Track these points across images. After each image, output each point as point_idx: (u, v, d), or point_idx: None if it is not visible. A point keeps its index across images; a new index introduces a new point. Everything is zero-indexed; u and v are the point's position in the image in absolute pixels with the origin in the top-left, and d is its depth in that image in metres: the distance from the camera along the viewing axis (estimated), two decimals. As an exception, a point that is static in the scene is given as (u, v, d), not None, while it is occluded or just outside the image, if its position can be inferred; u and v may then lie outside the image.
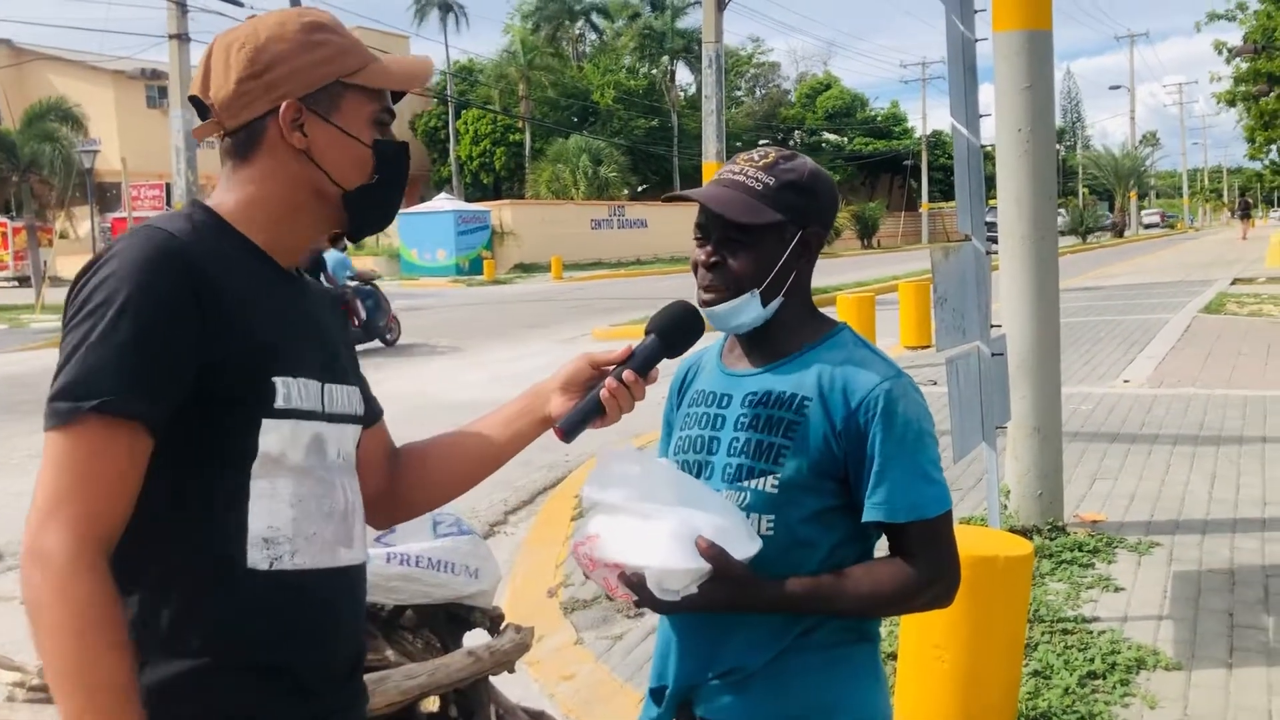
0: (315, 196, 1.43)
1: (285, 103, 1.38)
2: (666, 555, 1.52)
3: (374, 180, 1.46)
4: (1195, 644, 3.93)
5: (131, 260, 1.29)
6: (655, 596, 1.54)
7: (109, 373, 1.25)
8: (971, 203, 4.57)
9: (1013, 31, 5.14)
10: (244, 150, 1.41)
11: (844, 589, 1.60)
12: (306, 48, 1.40)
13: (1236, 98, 31.50)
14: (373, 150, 1.45)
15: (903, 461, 1.59)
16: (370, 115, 1.45)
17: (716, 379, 1.77)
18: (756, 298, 1.66)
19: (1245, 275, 22.32)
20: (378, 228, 1.53)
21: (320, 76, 1.40)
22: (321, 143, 1.41)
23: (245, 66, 1.38)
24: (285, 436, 1.37)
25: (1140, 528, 5.29)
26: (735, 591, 1.56)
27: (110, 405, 1.24)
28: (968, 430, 4.34)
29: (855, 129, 61.95)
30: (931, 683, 3.11)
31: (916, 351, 12.24)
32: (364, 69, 1.44)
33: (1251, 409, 8.04)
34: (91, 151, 27.46)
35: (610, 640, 4.34)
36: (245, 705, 1.35)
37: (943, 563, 1.64)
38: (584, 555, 1.57)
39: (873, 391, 1.60)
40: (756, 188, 1.65)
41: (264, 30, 1.41)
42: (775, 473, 1.63)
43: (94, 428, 1.24)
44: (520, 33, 50.82)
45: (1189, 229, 75.51)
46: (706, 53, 17.20)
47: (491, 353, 14.49)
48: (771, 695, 1.64)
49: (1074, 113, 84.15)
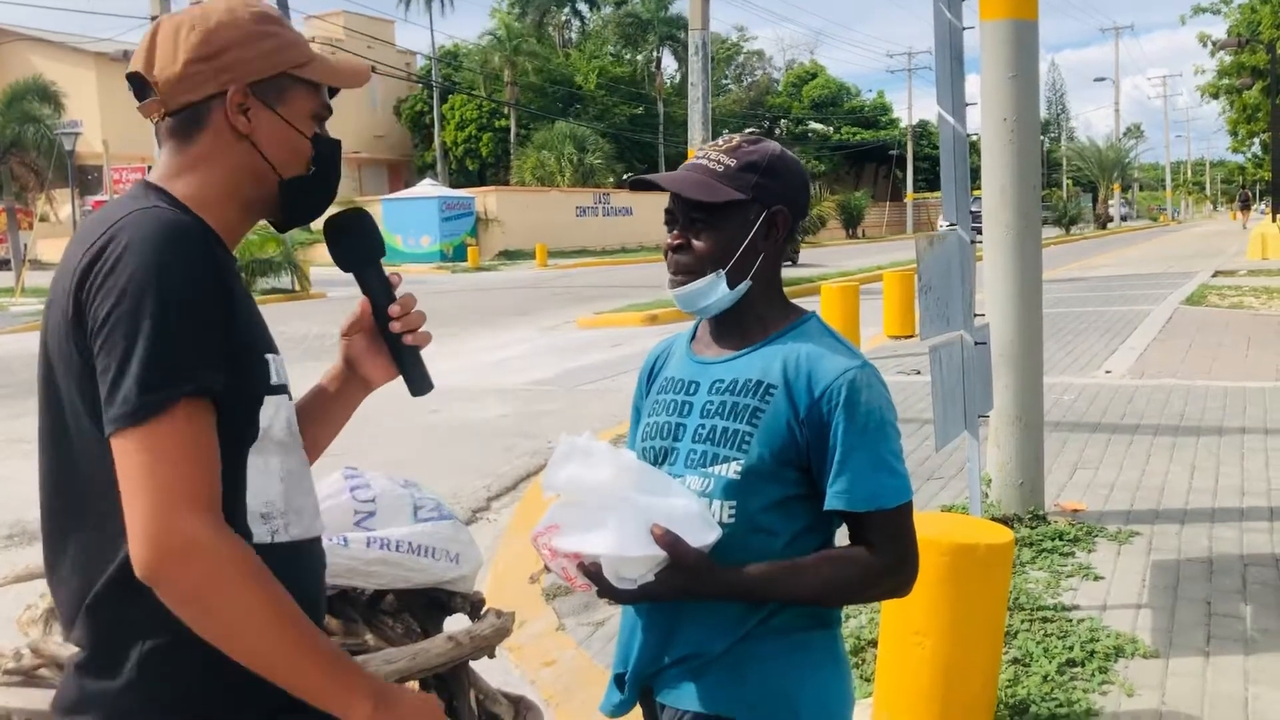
0: (254, 182, 1.45)
1: (233, 87, 1.40)
2: (621, 543, 1.52)
3: (310, 173, 1.49)
4: (1173, 632, 3.95)
5: (157, 246, 1.28)
6: (612, 585, 1.55)
7: (186, 355, 1.26)
8: (957, 191, 4.58)
9: (999, 20, 5.14)
10: (186, 131, 1.42)
11: (802, 576, 1.61)
12: (257, 37, 1.43)
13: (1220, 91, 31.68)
14: (312, 143, 1.48)
15: (864, 451, 1.59)
16: (311, 109, 1.48)
17: (685, 366, 1.78)
18: (722, 278, 1.67)
19: (1226, 268, 22.46)
20: (306, 220, 1.55)
21: (269, 66, 1.43)
22: (265, 130, 1.43)
23: (195, 48, 1.40)
24: (271, 412, 1.39)
25: (1120, 517, 5.32)
26: (692, 579, 1.56)
27: (199, 388, 1.26)
28: (950, 419, 4.35)
29: (841, 118, 62.00)
30: (911, 670, 3.12)
31: (900, 341, 12.28)
32: (309, 64, 1.47)
33: (1231, 400, 8.09)
34: (73, 134, 27.23)
35: (592, 626, 4.34)
36: (250, 681, 1.34)
37: (901, 553, 1.64)
38: (543, 545, 1.57)
39: (836, 380, 1.61)
40: (718, 169, 1.68)
41: (214, 15, 1.42)
42: (739, 459, 1.63)
43: (184, 411, 1.25)
44: (505, 18, 50.61)
45: (1172, 221, 75.92)
46: (693, 39, 17.15)
47: (475, 340, 14.46)
48: (730, 681, 1.64)
49: (1059, 105, 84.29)
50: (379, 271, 1.57)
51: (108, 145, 29.74)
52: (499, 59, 48.37)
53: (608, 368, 11.53)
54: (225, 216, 1.44)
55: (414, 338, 1.59)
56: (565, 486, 1.58)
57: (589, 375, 11.23)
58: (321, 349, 13.17)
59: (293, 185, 1.47)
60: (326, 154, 1.50)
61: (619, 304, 17.92)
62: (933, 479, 6.13)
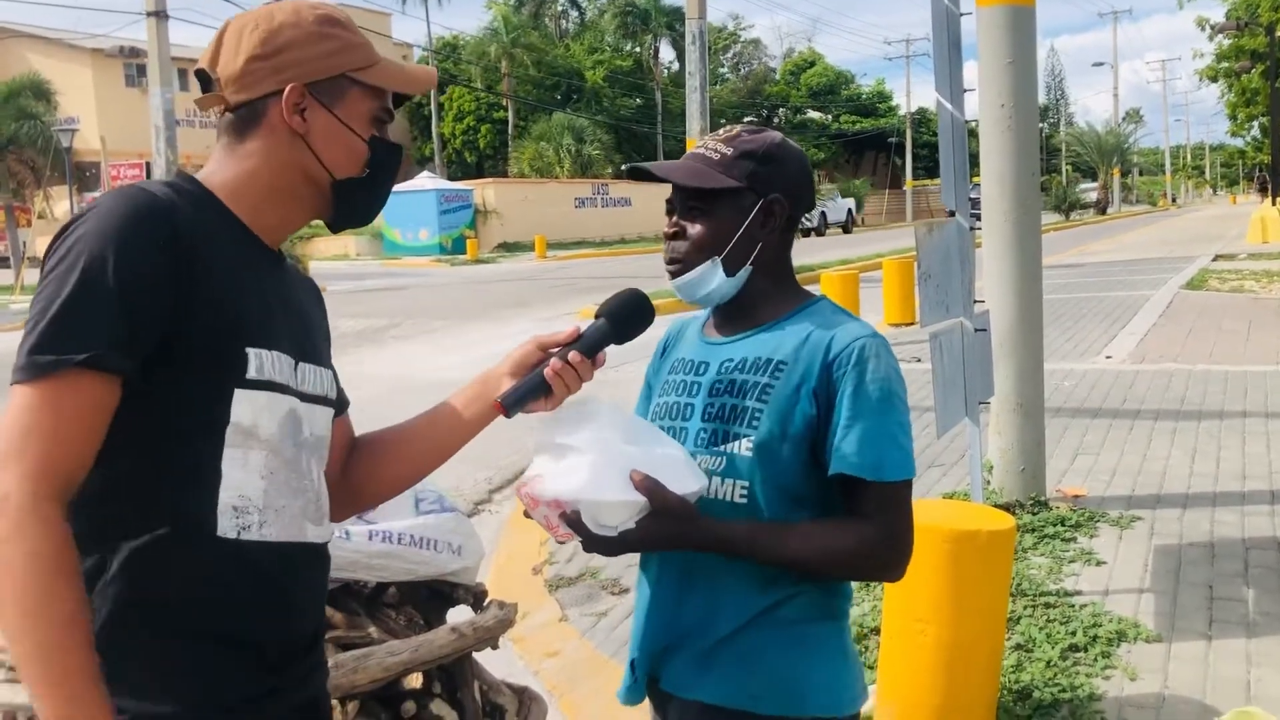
0: (305, 181, 1.46)
1: (290, 86, 1.41)
2: (599, 488, 1.51)
3: (364, 175, 1.49)
4: (1175, 616, 3.96)
5: (112, 216, 1.30)
6: (592, 533, 1.53)
7: (92, 326, 1.26)
8: (956, 178, 4.57)
9: (996, 6, 5.12)
10: (243, 127, 1.44)
11: (792, 538, 1.59)
12: (318, 38, 1.44)
13: (1219, 74, 31.60)
14: (368, 145, 1.48)
15: (871, 419, 1.58)
16: (370, 112, 1.48)
17: (695, 348, 1.78)
18: (718, 266, 1.67)
19: (1227, 251, 22.43)
20: (359, 222, 1.55)
21: (328, 67, 1.44)
22: (320, 130, 1.44)
23: (256, 47, 1.42)
24: (259, 408, 1.38)
25: (1122, 502, 5.33)
26: (674, 527, 1.55)
27: (97, 359, 1.25)
28: (951, 406, 4.35)
29: (840, 106, 61.88)
30: (914, 656, 3.12)
31: (900, 328, 12.27)
32: (371, 67, 1.48)
33: (1232, 384, 8.08)
34: (70, 130, 27.18)
35: (595, 617, 4.35)
36: (202, 673, 1.36)
37: (896, 528, 1.61)
38: (526, 495, 1.56)
39: (848, 347, 1.61)
40: (714, 157, 1.69)
41: (279, 15, 1.45)
42: (749, 436, 1.62)
43: (72, 380, 1.25)
44: (503, 10, 50.48)
45: (1172, 205, 75.80)
46: (690, 28, 17.11)
47: (474, 333, 14.46)
48: (737, 672, 1.63)
49: (1057, 90, 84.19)
50: (608, 338, 1.64)
51: (105, 141, 29.68)
52: (496, 50, 48.26)
53: (609, 358, 11.51)
54: (262, 211, 1.45)
55: (554, 378, 1.58)
56: (551, 439, 1.57)
57: (590, 366, 11.21)
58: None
59: (345, 186, 1.48)
60: (383, 157, 1.50)
61: (619, 295, 17.88)
62: (934, 466, 6.14)
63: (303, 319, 1.52)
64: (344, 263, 32.17)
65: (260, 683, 1.41)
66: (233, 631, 1.38)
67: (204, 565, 1.35)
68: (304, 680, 1.51)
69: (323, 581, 1.56)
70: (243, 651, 1.39)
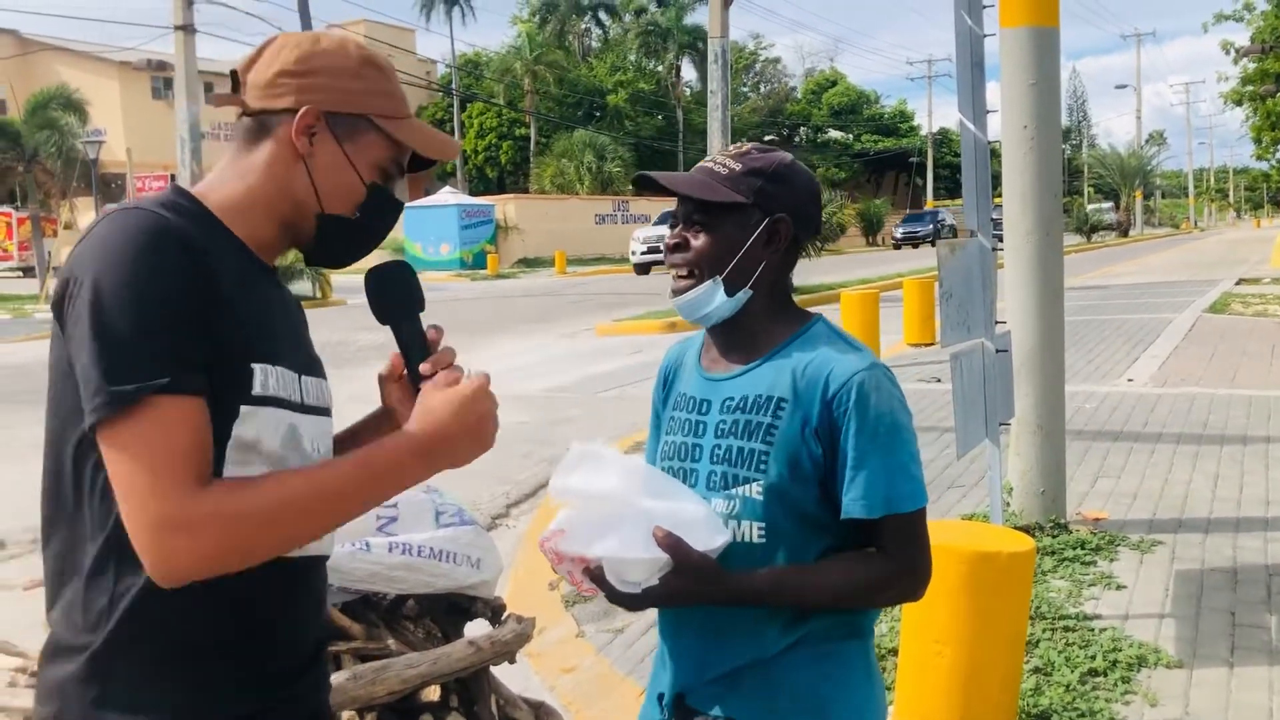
0: (295, 207, 1.44)
1: (306, 107, 1.41)
2: (623, 545, 1.52)
3: (354, 217, 1.47)
4: (1197, 642, 3.92)
5: (132, 243, 1.28)
6: (616, 589, 1.54)
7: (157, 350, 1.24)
8: (978, 199, 4.57)
9: (1020, 28, 5.12)
10: (253, 137, 1.44)
11: (812, 581, 1.59)
12: (353, 74, 1.44)
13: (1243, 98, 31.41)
14: (367, 189, 1.46)
15: (877, 457, 1.57)
16: (380, 161, 1.47)
17: (696, 383, 1.75)
18: (720, 285, 1.66)
19: (1250, 275, 22.28)
20: (335, 263, 1.53)
21: (352, 103, 1.44)
22: (323, 159, 1.43)
23: (291, 63, 1.42)
24: (263, 423, 1.36)
25: (1143, 526, 5.28)
26: (697, 584, 1.54)
27: (173, 383, 1.24)
28: (971, 426, 4.34)
29: (861, 126, 61.90)
30: (932, 679, 3.10)
31: (920, 348, 12.24)
32: (395, 119, 1.47)
33: (1256, 409, 8.02)
34: (96, 142, 27.47)
35: (611, 633, 4.34)
36: (206, 688, 1.36)
37: (914, 558, 1.61)
38: (550, 550, 1.56)
39: (845, 385, 1.58)
40: (722, 172, 1.67)
41: (324, 42, 1.46)
42: (758, 480, 1.61)
43: (164, 402, 1.24)
44: (527, 27, 50.80)
45: (1194, 229, 75.35)
46: (712, 48, 17.17)
47: (494, 347, 14.49)
48: (763, 693, 1.62)
49: (1080, 112, 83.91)
50: (416, 325, 1.51)
51: (130, 153, 29.98)
52: (520, 67, 48.54)
53: (627, 374, 11.53)
54: (258, 228, 1.44)
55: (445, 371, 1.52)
56: (571, 492, 1.58)
57: (608, 382, 11.24)
58: (341, 357, 13.19)
59: (330, 221, 1.46)
60: (378, 206, 1.48)
61: (638, 311, 17.92)
62: (953, 487, 6.11)
63: (300, 332, 1.52)
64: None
65: (261, 699, 1.40)
66: (234, 647, 1.37)
67: (205, 581, 1.31)
68: (308, 694, 1.50)
69: (323, 593, 1.55)
70: (244, 667, 1.38)
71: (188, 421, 1.26)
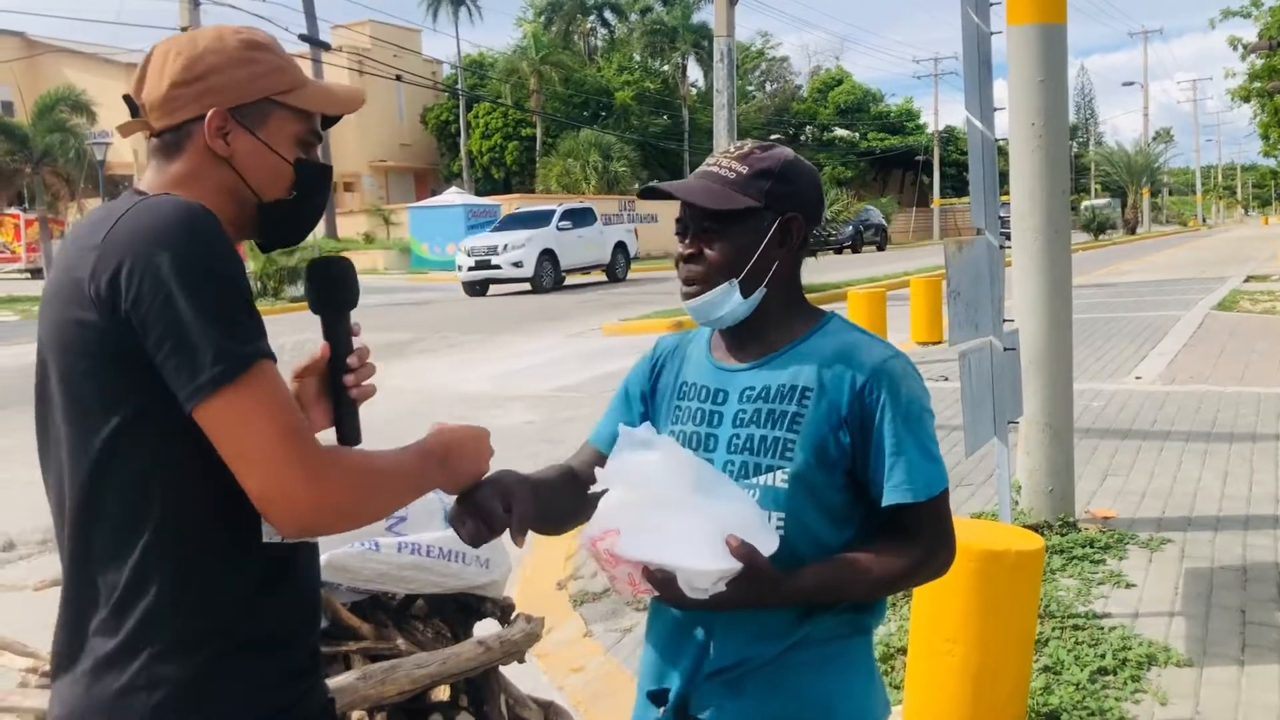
0: (234, 203, 1.47)
1: (211, 110, 1.43)
2: (698, 556, 1.49)
3: (291, 197, 1.50)
4: (1207, 641, 3.91)
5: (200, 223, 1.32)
6: (684, 595, 1.51)
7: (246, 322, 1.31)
8: (985, 196, 4.56)
9: (1027, 25, 5.11)
10: (169, 151, 1.46)
11: (855, 574, 1.59)
12: (240, 63, 1.46)
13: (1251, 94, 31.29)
14: (294, 168, 1.49)
15: (912, 441, 1.59)
16: (295, 135, 1.50)
17: (708, 373, 1.74)
18: (735, 288, 1.65)
19: (1258, 272, 22.21)
20: (289, 242, 1.57)
21: (251, 91, 1.46)
22: (244, 153, 1.46)
23: (179, 73, 1.44)
24: None
25: (1152, 524, 5.27)
26: (760, 590, 1.53)
27: (268, 351, 1.32)
28: (979, 425, 4.33)
29: (868, 124, 61.76)
30: (942, 677, 3.10)
31: (928, 347, 12.22)
32: (294, 90, 1.49)
33: (1265, 406, 7.99)
34: (103, 144, 27.54)
35: (619, 633, 4.34)
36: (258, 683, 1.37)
37: (945, 537, 1.65)
38: (604, 551, 1.52)
39: (876, 371, 1.60)
40: (730, 176, 1.66)
41: (202, 41, 1.46)
42: (783, 467, 1.61)
43: (263, 370, 1.30)
44: (533, 27, 50.79)
45: (1202, 226, 75.12)
46: (718, 46, 17.15)
47: (501, 347, 14.50)
48: (766, 693, 1.62)
49: (1087, 109, 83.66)
50: (346, 321, 1.59)
51: (138, 155, 30.05)
52: (526, 67, 48.53)
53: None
54: None
55: (359, 391, 1.59)
56: (621, 479, 1.55)
57: (615, 382, 11.18)
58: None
59: (272, 208, 1.49)
60: (309, 178, 1.51)
61: (644, 310, 17.91)
62: (962, 485, 6.10)
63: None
64: (372, 277, 32.34)
65: (298, 687, 1.43)
66: (279, 637, 1.40)
67: (253, 572, 1.37)
68: (320, 682, 1.53)
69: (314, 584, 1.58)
70: (292, 658, 1.42)
71: (284, 384, 1.34)
